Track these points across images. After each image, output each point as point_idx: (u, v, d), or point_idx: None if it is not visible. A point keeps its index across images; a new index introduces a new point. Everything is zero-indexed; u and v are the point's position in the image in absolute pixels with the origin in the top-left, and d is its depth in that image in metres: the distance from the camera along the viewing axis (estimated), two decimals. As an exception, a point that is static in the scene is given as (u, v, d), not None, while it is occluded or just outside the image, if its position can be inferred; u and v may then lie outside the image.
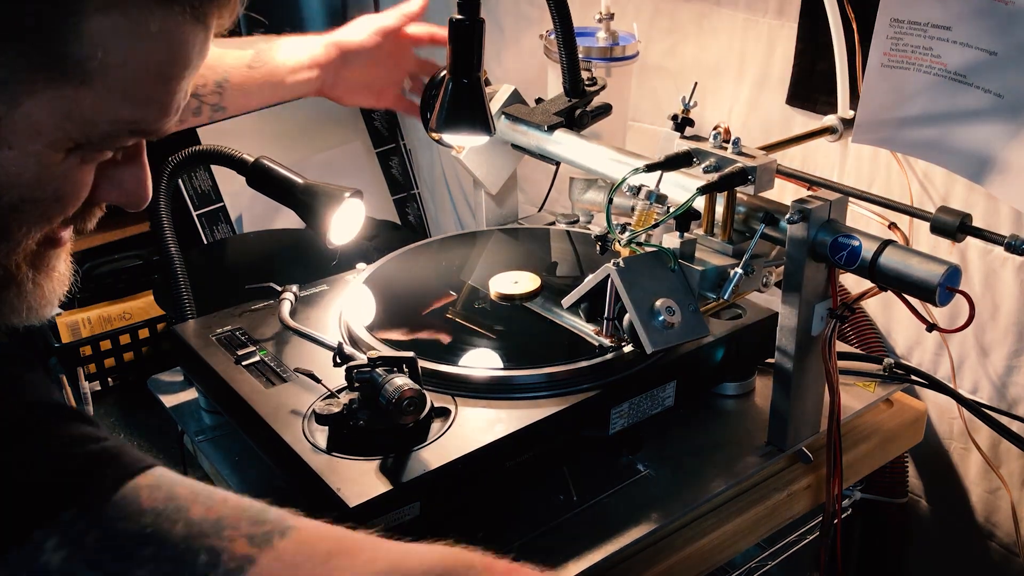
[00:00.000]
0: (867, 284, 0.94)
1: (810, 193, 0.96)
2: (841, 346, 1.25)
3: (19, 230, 0.62)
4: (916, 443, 1.19)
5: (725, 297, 0.95)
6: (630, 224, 0.98)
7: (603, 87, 1.27)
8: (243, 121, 1.54)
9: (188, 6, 0.60)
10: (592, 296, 1.00)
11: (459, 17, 1.04)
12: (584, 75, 1.25)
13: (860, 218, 1.15)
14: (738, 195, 1.00)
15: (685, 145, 1.02)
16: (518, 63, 1.76)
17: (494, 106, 1.28)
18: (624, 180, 0.97)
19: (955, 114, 1.11)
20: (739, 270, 0.95)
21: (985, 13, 1.04)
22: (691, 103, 1.03)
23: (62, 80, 0.58)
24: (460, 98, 1.08)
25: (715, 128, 1.01)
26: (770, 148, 1.12)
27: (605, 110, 1.27)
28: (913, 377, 1.17)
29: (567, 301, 1.02)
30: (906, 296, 0.90)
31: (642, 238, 0.97)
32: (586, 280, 0.99)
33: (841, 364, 1.10)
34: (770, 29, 1.37)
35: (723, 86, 1.46)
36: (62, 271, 0.68)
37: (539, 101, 1.28)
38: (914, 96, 1.14)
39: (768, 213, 0.98)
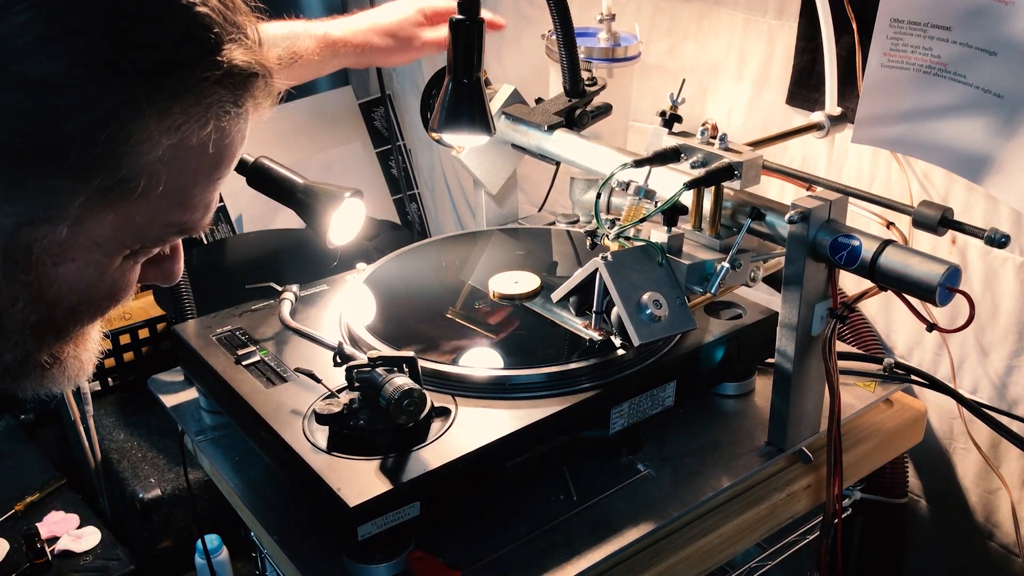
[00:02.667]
0: (867, 284, 0.94)
1: (810, 193, 0.96)
2: (841, 346, 1.25)
3: (74, 328, 0.68)
4: (916, 443, 1.19)
5: (711, 291, 0.96)
6: (620, 220, 0.99)
7: (603, 87, 1.27)
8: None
9: (230, 104, 0.63)
10: (581, 290, 1.00)
11: (459, 17, 1.04)
12: (584, 75, 1.25)
13: (859, 218, 1.15)
14: (725, 190, 1.00)
15: (673, 141, 1.02)
16: (518, 63, 1.76)
17: (494, 106, 1.28)
18: (612, 175, 0.98)
19: (954, 114, 1.11)
20: (725, 264, 0.95)
21: (985, 13, 1.04)
22: (679, 99, 1.04)
23: (118, 199, 0.61)
24: (460, 98, 1.08)
25: (703, 124, 1.02)
26: (757, 144, 1.12)
27: (605, 110, 1.27)
28: (913, 377, 1.17)
29: (556, 295, 1.02)
30: (906, 296, 0.90)
31: (630, 233, 0.97)
32: (575, 274, 0.99)
33: (841, 364, 1.10)
34: (770, 29, 1.37)
35: (723, 86, 1.46)
36: (95, 338, 0.73)
37: (539, 101, 1.28)
38: (914, 96, 1.14)
39: (755, 208, 0.98)
